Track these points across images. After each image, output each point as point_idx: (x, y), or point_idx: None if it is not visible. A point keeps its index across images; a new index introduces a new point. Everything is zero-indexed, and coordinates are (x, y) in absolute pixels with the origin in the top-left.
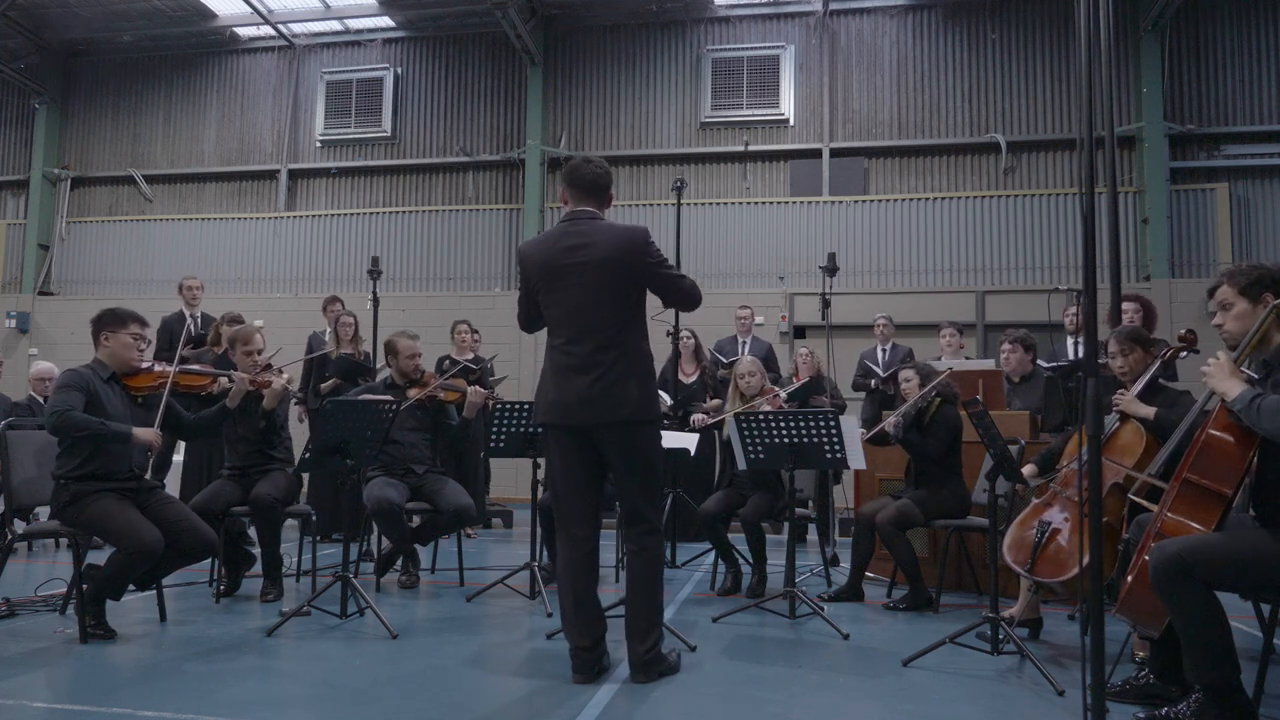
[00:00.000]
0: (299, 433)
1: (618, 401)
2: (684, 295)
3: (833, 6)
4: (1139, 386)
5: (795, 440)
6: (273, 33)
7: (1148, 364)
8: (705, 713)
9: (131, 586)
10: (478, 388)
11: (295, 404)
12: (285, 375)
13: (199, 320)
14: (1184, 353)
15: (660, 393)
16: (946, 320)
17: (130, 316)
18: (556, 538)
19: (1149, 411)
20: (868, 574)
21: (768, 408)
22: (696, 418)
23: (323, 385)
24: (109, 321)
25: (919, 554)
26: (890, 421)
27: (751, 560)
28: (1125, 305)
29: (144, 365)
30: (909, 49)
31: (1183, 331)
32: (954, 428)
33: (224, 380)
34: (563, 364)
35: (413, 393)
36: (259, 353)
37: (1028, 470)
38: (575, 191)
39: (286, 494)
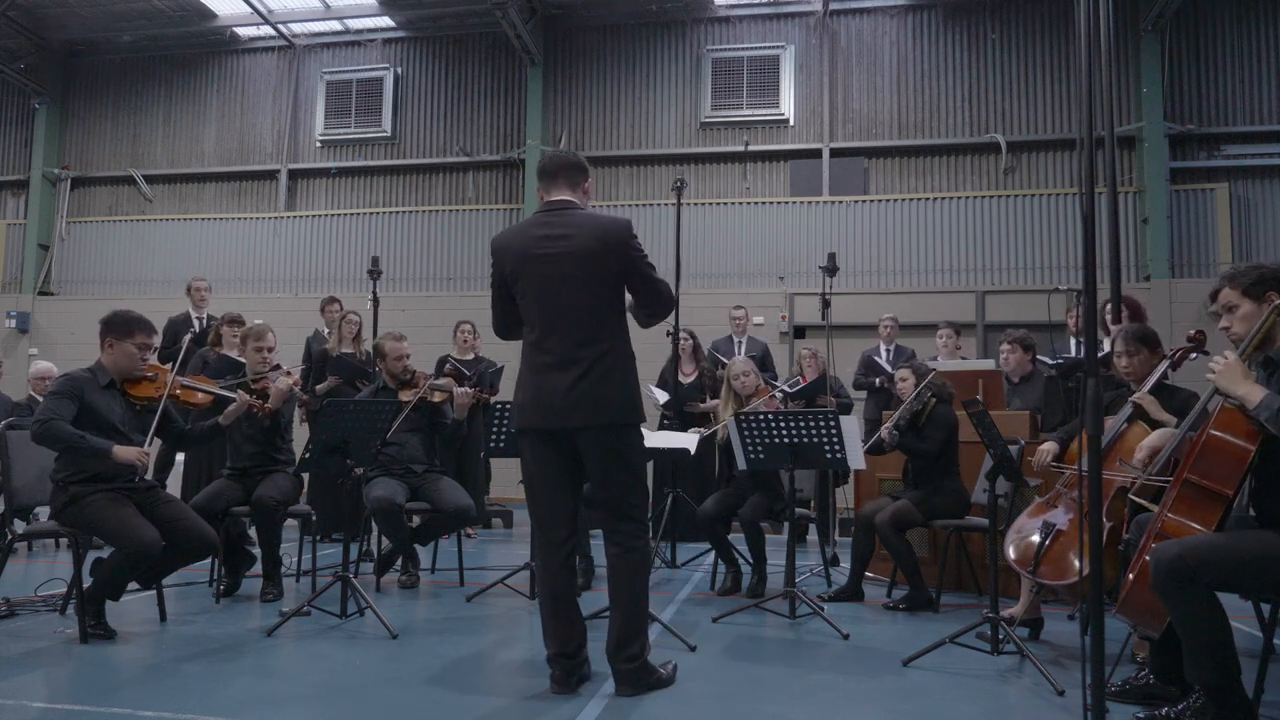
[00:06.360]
0: (299, 433)
1: (600, 403)
2: (660, 298)
3: (833, 6)
4: (1148, 385)
5: (795, 440)
6: (273, 33)
7: (1154, 364)
8: (705, 713)
9: (135, 585)
10: (465, 389)
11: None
12: (293, 376)
13: (203, 320)
14: (1193, 354)
15: (661, 391)
16: (944, 321)
17: (138, 325)
18: (533, 541)
19: (1167, 416)
20: (868, 574)
21: (765, 408)
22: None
23: (319, 386)
24: (116, 328)
25: (919, 554)
26: (884, 429)
27: (751, 560)
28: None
29: (147, 374)
30: (909, 49)
31: (1192, 332)
32: (949, 426)
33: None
34: (540, 362)
35: (404, 395)
36: (270, 350)
37: (1046, 447)
38: (547, 181)
39: (288, 496)
